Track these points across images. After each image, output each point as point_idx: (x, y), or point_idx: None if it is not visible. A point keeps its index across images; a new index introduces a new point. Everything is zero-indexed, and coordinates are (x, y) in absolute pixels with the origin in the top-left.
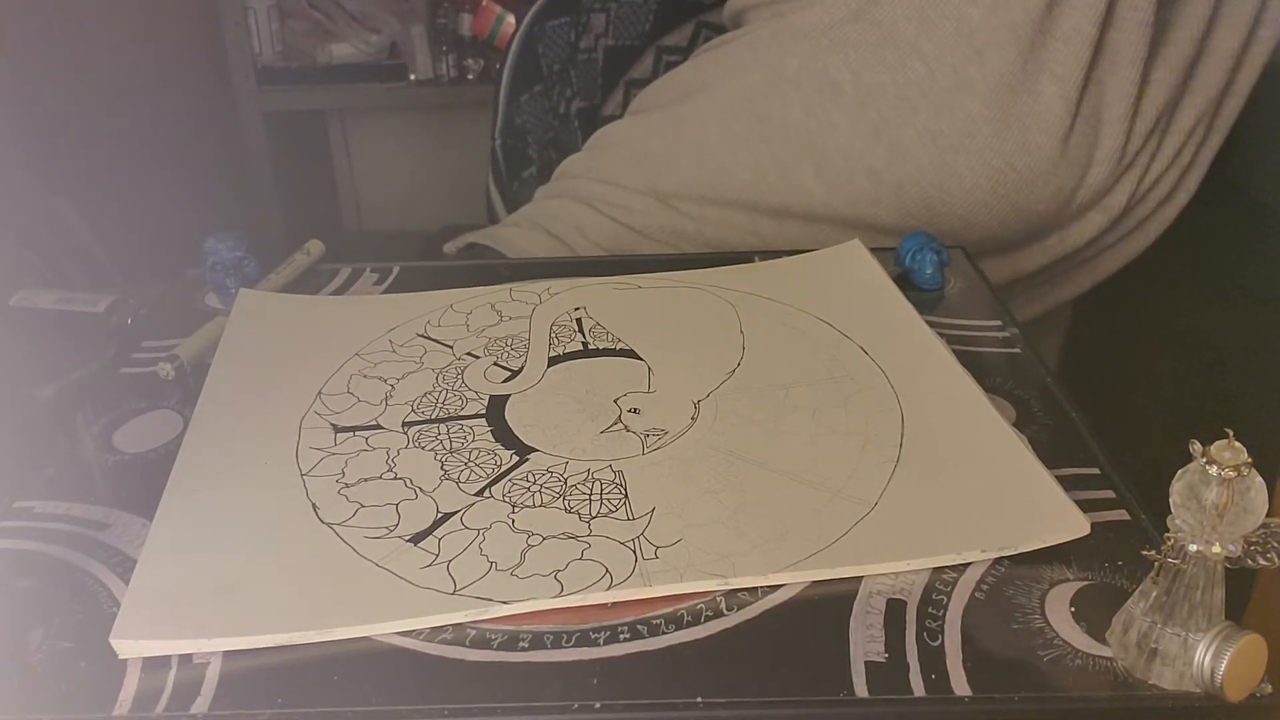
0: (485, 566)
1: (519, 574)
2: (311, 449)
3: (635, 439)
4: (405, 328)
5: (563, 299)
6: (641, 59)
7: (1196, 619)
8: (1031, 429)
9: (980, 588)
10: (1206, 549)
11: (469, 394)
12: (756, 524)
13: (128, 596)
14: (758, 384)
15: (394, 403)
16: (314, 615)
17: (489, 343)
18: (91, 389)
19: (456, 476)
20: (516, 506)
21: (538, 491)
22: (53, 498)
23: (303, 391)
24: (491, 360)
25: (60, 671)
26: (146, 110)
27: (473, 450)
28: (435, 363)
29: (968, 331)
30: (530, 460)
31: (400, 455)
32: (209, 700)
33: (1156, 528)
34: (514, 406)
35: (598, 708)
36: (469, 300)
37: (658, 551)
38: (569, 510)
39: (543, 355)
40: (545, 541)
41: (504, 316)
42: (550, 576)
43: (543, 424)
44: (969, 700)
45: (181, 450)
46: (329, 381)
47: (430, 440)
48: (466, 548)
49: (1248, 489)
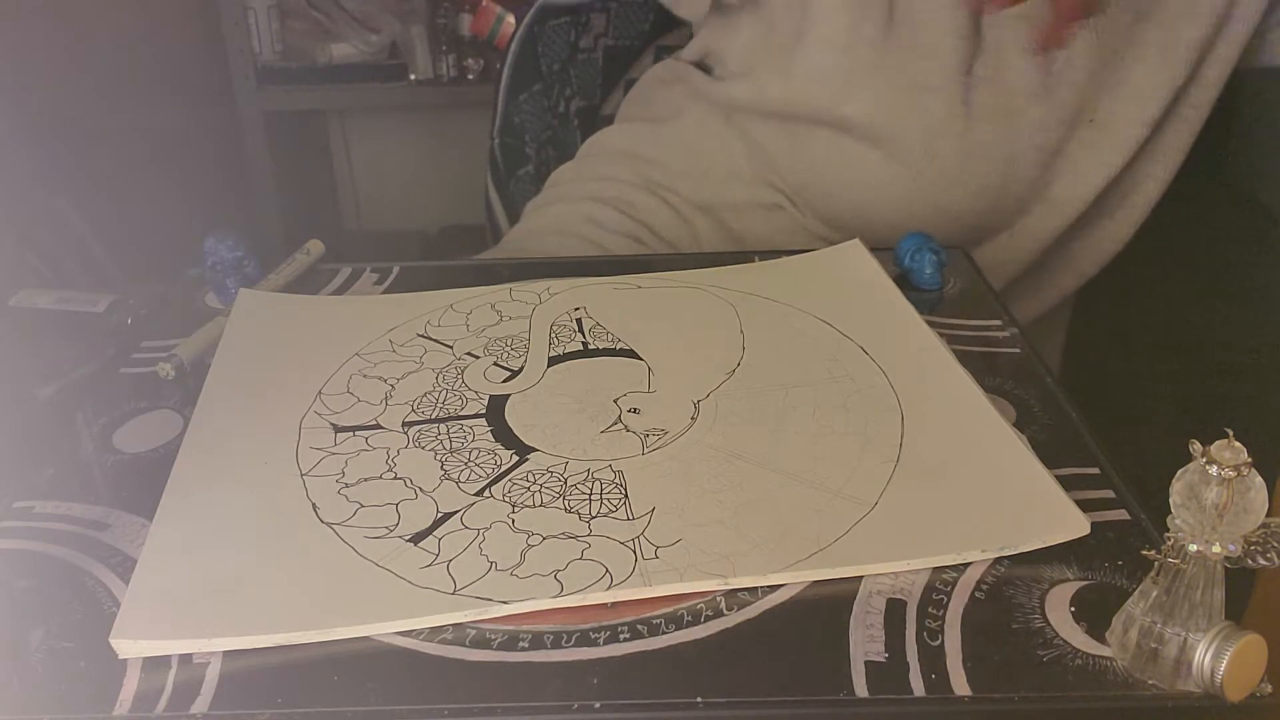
0: (485, 566)
1: (519, 574)
2: (311, 449)
3: (635, 439)
4: (405, 328)
5: (562, 299)
6: (641, 59)
7: (1196, 619)
8: (1031, 429)
9: (980, 588)
10: (1206, 549)
11: (469, 394)
12: (756, 524)
13: (128, 596)
14: (758, 384)
15: (394, 403)
16: (314, 615)
17: (489, 343)
18: (91, 389)
19: (456, 476)
20: (516, 506)
21: (538, 491)
22: (53, 498)
23: (302, 391)
24: (491, 360)
25: (60, 671)
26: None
27: (473, 450)
28: (435, 363)
29: (968, 331)
30: (530, 460)
31: (400, 455)
32: (209, 700)
33: (1156, 528)
34: (514, 406)
35: (598, 708)
36: (469, 300)
37: (658, 551)
38: (569, 510)
39: (543, 355)
40: (545, 541)
41: (504, 316)
42: (550, 576)
43: (542, 424)
44: (969, 700)
45: (181, 450)
46: (329, 381)
47: (430, 440)
48: (466, 547)
49: (1248, 489)
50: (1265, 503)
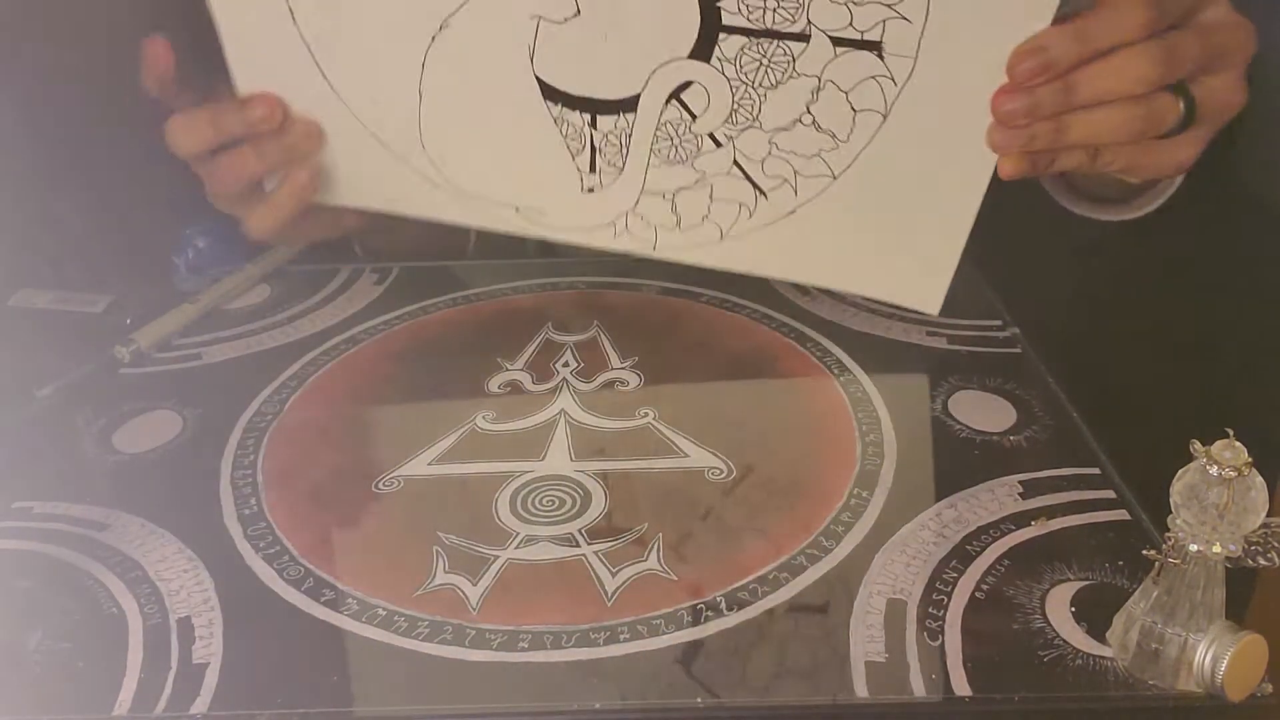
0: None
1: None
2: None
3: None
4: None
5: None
6: None
7: (1197, 619)
8: (1031, 429)
9: (980, 588)
10: (1207, 549)
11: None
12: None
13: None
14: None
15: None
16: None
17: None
18: (91, 389)
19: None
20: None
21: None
22: (52, 498)
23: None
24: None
25: (60, 671)
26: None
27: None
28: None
29: (968, 331)
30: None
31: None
32: (209, 700)
33: (1156, 528)
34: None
35: (597, 708)
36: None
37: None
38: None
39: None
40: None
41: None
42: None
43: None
44: (969, 700)
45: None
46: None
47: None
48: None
49: (1248, 489)
50: (1265, 503)
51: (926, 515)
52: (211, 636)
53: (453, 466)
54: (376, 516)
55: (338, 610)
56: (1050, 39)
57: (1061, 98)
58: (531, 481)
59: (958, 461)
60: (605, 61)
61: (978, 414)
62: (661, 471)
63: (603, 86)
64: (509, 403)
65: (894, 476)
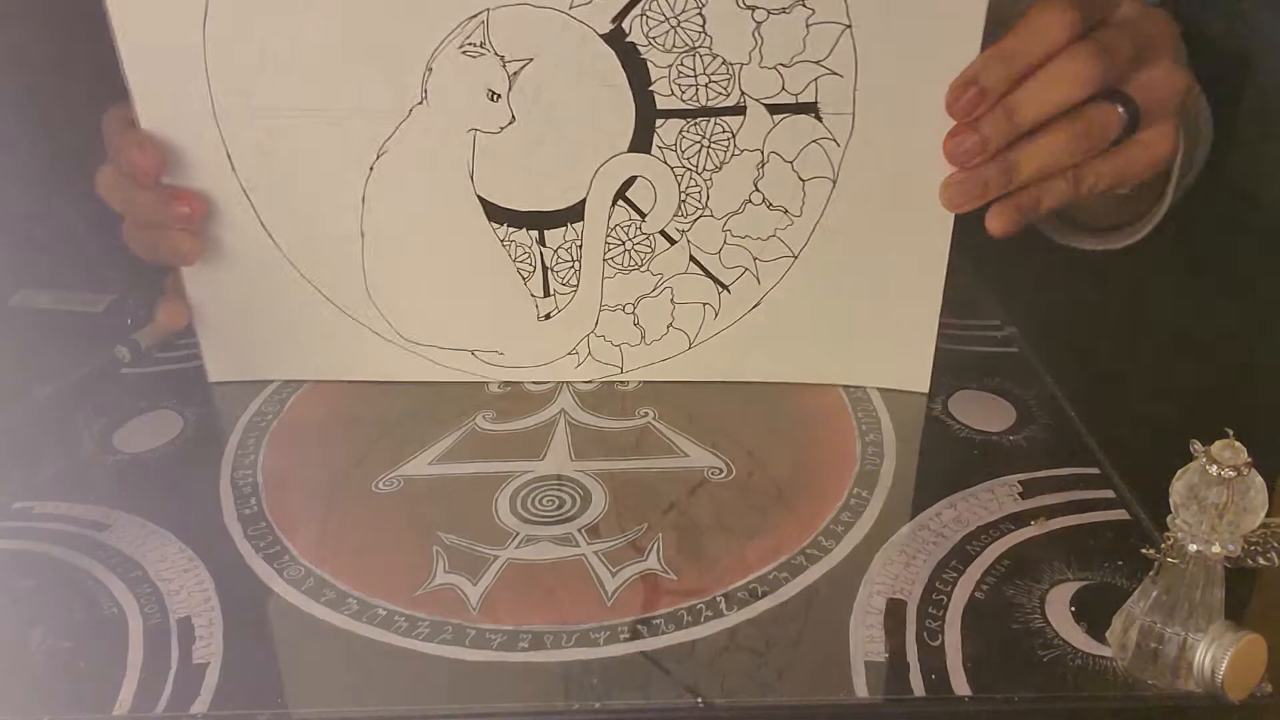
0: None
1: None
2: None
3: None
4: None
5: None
6: None
7: (1196, 619)
8: (1031, 429)
9: (980, 587)
10: (1206, 549)
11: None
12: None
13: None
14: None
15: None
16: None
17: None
18: (91, 389)
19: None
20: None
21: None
22: (53, 498)
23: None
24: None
25: (60, 671)
26: None
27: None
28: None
29: (967, 331)
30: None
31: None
32: (209, 700)
33: (1156, 528)
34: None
35: (597, 708)
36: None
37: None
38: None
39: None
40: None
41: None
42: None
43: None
44: (969, 700)
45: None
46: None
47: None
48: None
49: (1248, 489)
50: (1265, 503)
51: (926, 515)
52: (211, 636)
53: (453, 466)
54: (376, 516)
55: (338, 610)
56: (978, 67)
57: (1006, 124)
58: (531, 481)
59: (957, 461)
60: (546, 167)
61: (977, 414)
62: (661, 471)
63: (547, 196)
64: (509, 403)
65: (894, 476)
